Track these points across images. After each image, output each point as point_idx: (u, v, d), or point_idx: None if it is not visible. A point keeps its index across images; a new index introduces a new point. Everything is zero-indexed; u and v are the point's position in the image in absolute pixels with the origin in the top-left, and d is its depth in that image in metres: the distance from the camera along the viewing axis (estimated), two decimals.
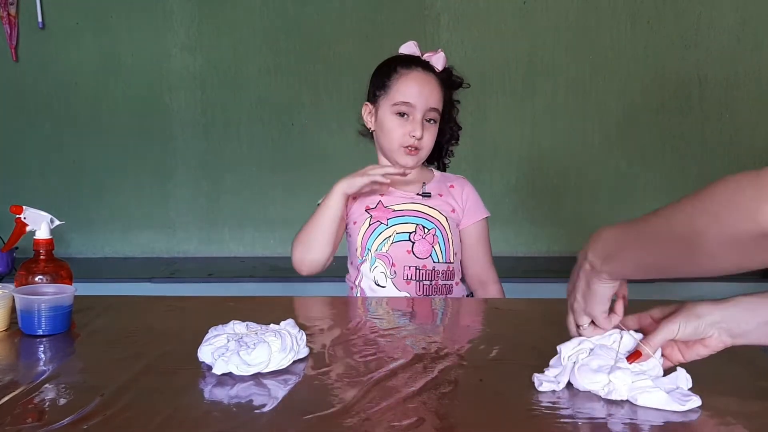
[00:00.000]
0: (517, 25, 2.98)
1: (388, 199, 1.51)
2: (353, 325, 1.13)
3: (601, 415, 0.76)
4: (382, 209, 1.50)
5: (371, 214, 1.50)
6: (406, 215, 1.49)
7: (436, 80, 1.49)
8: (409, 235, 1.47)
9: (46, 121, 3.04)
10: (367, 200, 1.52)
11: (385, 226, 1.48)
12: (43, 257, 1.16)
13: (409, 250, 1.46)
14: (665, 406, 0.77)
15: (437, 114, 1.49)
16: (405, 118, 1.47)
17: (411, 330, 1.12)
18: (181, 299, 1.33)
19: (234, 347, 0.89)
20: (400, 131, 1.47)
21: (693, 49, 2.97)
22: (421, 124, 1.46)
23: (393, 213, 1.49)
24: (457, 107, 1.58)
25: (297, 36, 3.01)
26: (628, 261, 0.76)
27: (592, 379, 0.81)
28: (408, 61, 1.50)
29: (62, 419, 0.74)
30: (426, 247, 1.47)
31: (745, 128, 3.01)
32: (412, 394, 0.81)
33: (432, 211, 1.50)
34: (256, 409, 0.78)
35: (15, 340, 1.05)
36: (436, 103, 1.48)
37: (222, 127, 3.06)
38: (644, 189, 3.05)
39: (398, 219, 1.48)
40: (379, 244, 1.48)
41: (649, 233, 0.74)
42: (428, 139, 1.48)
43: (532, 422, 0.75)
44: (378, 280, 1.47)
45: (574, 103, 3.02)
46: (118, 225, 3.10)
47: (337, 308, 1.32)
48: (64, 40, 3.00)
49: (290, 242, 1.54)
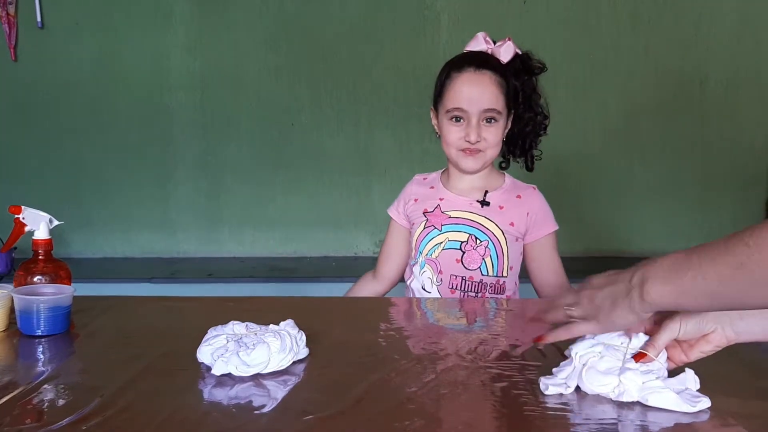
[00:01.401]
0: (517, 25, 2.98)
1: (446, 203, 1.48)
2: (353, 326, 1.13)
3: (610, 417, 0.76)
4: (438, 214, 1.47)
5: (427, 217, 1.48)
6: (461, 223, 1.45)
7: (493, 75, 1.42)
8: (460, 244, 1.44)
9: (45, 121, 3.04)
10: (427, 203, 1.50)
11: (439, 231, 1.46)
12: (41, 257, 1.16)
13: (459, 259, 1.44)
14: (676, 407, 0.76)
15: (496, 113, 1.42)
16: (460, 122, 1.42)
17: (411, 330, 1.12)
18: (180, 299, 1.33)
19: (233, 348, 0.89)
20: (456, 136, 1.43)
21: (693, 49, 2.97)
22: (477, 128, 1.40)
23: (448, 219, 1.46)
24: (539, 93, 1.51)
25: (297, 36, 3.00)
26: (681, 285, 0.71)
27: (602, 381, 0.80)
28: (461, 63, 1.44)
29: (61, 420, 0.73)
30: (476, 259, 1.43)
31: (745, 128, 3.01)
32: (413, 395, 0.81)
33: (488, 222, 1.45)
34: (255, 410, 0.77)
35: (14, 341, 1.05)
36: (492, 102, 1.41)
37: (222, 127, 3.05)
38: (644, 189, 3.05)
39: (452, 226, 1.46)
40: (430, 249, 1.46)
41: (708, 253, 0.69)
42: (491, 138, 1.42)
43: (533, 424, 0.75)
44: (425, 284, 1.46)
45: (574, 103, 3.01)
46: (117, 225, 3.10)
47: (337, 308, 1.32)
48: (63, 40, 2.99)
49: (290, 242, 1.54)
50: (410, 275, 1.51)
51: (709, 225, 3.05)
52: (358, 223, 3.04)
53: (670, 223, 3.06)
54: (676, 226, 3.06)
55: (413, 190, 1.56)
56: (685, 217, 3.05)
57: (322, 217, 3.05)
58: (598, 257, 3.01)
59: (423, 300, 1.40)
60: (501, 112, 1.43)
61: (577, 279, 3.11)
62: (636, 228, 3.06)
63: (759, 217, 3.02)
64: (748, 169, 3.03)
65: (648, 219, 3.06)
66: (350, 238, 3.07)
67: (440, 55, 2.68)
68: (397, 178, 1.69)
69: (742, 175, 3.03)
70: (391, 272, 1.57)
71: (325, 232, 3.06)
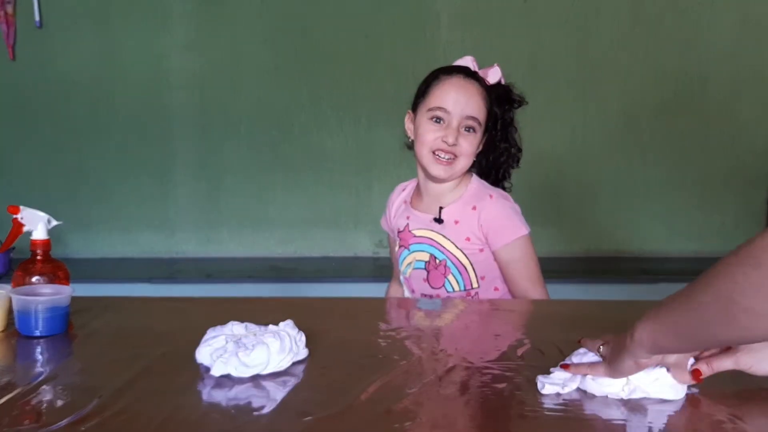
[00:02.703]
0: (517, 25, 2.98)
1: (413, 221, 1.48)
2: (353, 326, 1.13)
3: (612, 417, 0.76)
4: (407, 232, 1.48)
5: (399, 237, 1.50)
6: (422, 242, 1.46)
7: (479, 88, 1.42)
8: (425, 263, 1.45)
9: (44, 121, 3.03)
10: (400, 221, 1.51)
11: (408, 251, 1.47)
12: (40, 258, 1.15)
13: (425, 278, 1.45)
14: (674, 395, 0.78)
15: (476, 123, 1.40)
16: (440, 123, 1.41)
17: (411, 330, 1.12)
18: (179, 300, 1.33)
19: (232, 348, 0.89)
20: (433, 135, 1.40)
21: (693, 49, 2.97)
22: (456, 131, 1.39)
23: (414, 238, 1.47)
24: (516, 127, 1.49)
25: (297, 36, 3.00)
26: (665, 326, 0.72)
27: (610, 381, 0.80)
28: (452, 69, 1.45)
29: (60, 421, 0.73)
30: (438, 277, 1.43)
31: (745, 128, 3.01)
32: (413, 395, 0.81)
33: (444, 240, 1.43)
34: (254, 411, 0.77)
35: (12, 342, 1.05)
36: (476, 111, 1.40)
37: (222, 127, 3.05)
38: (645, 189, 3.05)
39: (417, 245, 1.46)
40: (405, 268, 1.48)
41: (687, 292, 0.69)
42: (467, 146, 1.40)
43: (533, 425, 0.74)
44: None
45: (574, 103, 3.01)
46: (117, 225, 3.10)
47: (337, 309, 1.31)
48: (62, 39, 2.99)
49: (290, 242, 1.54)
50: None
51: (709, 225, 3.05)
52: (358, 223, 3.04)
53: (670, 223, 3.06)
54: (676, 226, 3.06)
55: (394, 203, 1.59)
56: (685, 217, 3.05)
57: (322, 217, 3.04)
58: (598, 257, 3.01)
59: (423, 300, 1.40)
60: (481, 124, 1.42)
61: (577, 279, 3.11)
62: (636, 228, 3.06)
63: (759, 217, 3.02)
64: (748, 169, 3.03)
65: (648, 219, 3.06)
66: (350, 238, 3.07)
67: (440, 55, 2.69)
68: (397, 179, 1.69)
69: (742, 175, 3.03)
70: None
71: (325, 232, 3.05)
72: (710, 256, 3.28)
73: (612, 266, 2.91)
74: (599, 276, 2.71)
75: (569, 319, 1.15)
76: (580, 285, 2.62)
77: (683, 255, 3.04)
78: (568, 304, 1.36)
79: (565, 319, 1.16)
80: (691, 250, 3.05)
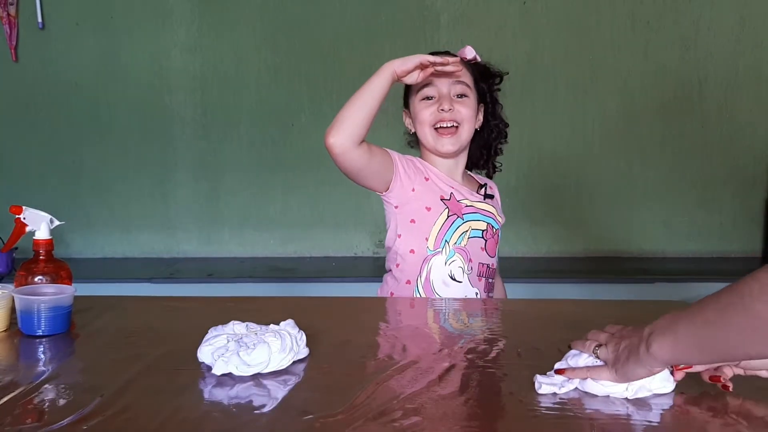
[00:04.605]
0: (517, 25, 2.98)
1: (456, 194, 1.47)
2: (353, 326, 1.13)
3: (612, 416, 0.76)
4: (455, 202, 1.45)
5: (447, 206, 1.44)
6: (479, 212, 1.47)
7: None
8: (482, 232, 1.46)
9: (45, 121, 3.04)
10: (440, 189, 1.45)
11: (462, 220, 1.44)
12: (42, 257, 1.16)
13: (483, 247, 1.46)
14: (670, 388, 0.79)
15: (466, 88, 1.43)
16: (433, 99, 1.43)
17: (411, 330, 1.12)
18: (180, 300, 1.33)
19: (234, 348, 0.89)
20: (429, 111, 1.43)
21: (693, 49, 2.97)
22: (449, 99, 1.41)
23: (465, 208, 1.46)
24: (501, 104, 1.55)
25: (297, 36, 3.01)
26: (687, 339, 0.71)
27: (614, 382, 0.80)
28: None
29: (62, 420, 0.74)
30: (493, 247, 1.48)
31: (744, 128, 3.01)
32: (413, 395, 0.81)
33: (495, 211, 1.51)
34: (255, 410, 0.78)
35: (15, 341, 1.05)
36: (462, 77, 1.43)
37: (222, 127, 3.06)
38: (644, 189, 3.05)
39: (472, 215, 1.46)
40: (457, 238, 1.44)
41: (710, 305, 0.69)
42: (465, 111, 1.42)
43: (533, 424, 0.75)
44: (455, 274, 1.43)
45: (574, 103, 3.01)
46: (118, 225, 3.10)
47: (337, 308, 1.32)
48: (63, 41, 3.00)
49: (290, 242, 1.54)
50: (421, 268, 1.43)
51: (709, 225, 3.05)
52: (358, 223, 3.05)
53: (670, 223, 3.06)
54: (676, 226, 3.06)
55: (423, 168, 1.48)
56: (685, 217, 3.06)
57: (322, 217, 3.05)
58: (598, 257, 3.02)
59: (422, 300, 1.40)
60: (471, 90, 1.45)
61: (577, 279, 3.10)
62: (636, 228, 3.06)
63: (758, 217, 3.02)
64: (747, 170, 3.03)
65: (648, 219, 3.06)
66: (350, 238, 3.07)
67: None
68: None
69: (741, 175, 3.03)
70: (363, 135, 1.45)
71: (325, 232, 3.06)
72: (709, 256, 3.29)
73: (611, 266, 2.92)
74: (598, 276, 2.71)
75: (569, 319, 1.15)
76: (580, 285, 2.63)
77: (682, 255, 3.05)
78: (568, 304, 1.36)
79: (565, 319, 1.17)
80: (690, 250, 3.06)
